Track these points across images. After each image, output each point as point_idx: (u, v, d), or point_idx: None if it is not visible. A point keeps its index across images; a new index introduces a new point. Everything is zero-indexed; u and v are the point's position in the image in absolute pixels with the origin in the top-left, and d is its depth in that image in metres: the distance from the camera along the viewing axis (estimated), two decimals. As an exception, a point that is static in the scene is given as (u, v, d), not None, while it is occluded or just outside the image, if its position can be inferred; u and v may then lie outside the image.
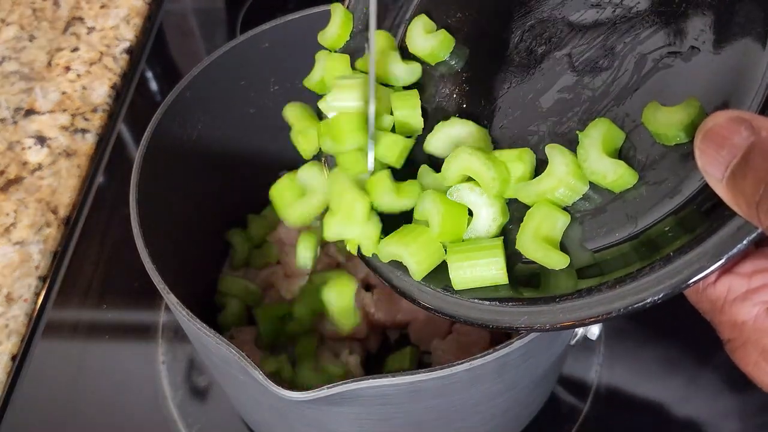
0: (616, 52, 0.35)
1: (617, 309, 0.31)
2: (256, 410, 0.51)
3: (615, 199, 0.34)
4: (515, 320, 0.34)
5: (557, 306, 0.33)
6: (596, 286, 0.32)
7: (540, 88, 0.38)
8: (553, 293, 0.33)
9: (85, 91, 0.78)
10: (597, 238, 0.34)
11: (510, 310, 0.34)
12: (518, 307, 0.34)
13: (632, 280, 0.31)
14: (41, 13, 0.86)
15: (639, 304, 0.30)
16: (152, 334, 0.62)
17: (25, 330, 0.61)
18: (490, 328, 0.35)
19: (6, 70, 0.80)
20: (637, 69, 0.35)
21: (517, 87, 0.39)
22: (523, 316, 0.33)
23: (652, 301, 0.30)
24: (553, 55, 0.38)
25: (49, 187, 0.70)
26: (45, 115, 0.75)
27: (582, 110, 0.36)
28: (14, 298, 0.62)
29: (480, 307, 0.35)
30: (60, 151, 0.72)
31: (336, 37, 0.43)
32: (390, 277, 0.38)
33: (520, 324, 0.33)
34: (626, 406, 0.57)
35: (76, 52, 0.81)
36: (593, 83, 0.36)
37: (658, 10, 0.35)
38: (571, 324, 0.32)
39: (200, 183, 0.56)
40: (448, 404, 0.42)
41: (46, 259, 0.65)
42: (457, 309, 0.35)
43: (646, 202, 0.33)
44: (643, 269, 0.31)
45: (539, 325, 0.33)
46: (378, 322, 0.57)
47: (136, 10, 0.86)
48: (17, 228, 0.67)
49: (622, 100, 0.35)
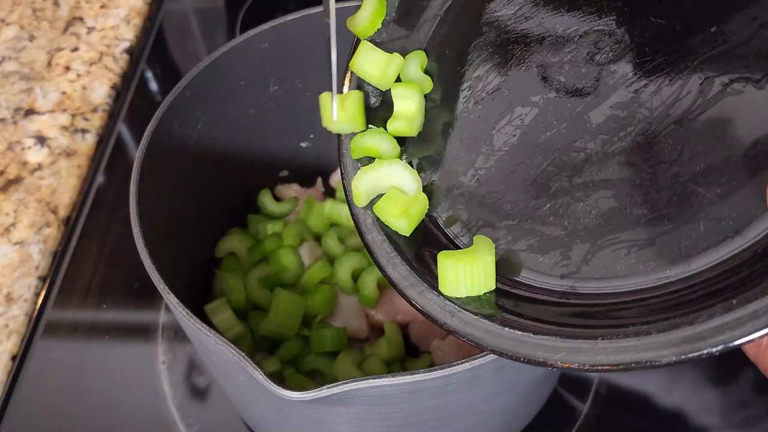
0: (678, 72, 0.33)
1: (668, 356, 0.27)
2: (256, 410, 0.51)
3: (667, 232, 0.31)
4: (550, 356, 0.31)
5: (599, 344, 0.29)
6: (645, 329, 0.29)
7: (590, 102, 0.35)
8: (594, 331, 0.30)
9: (85, 91, 0.78)
10: (645, 274, 0.31)
11: (545, 344, 0.31)
12: (555, 341, 0.31)
13: (687, 326, 0.28)
14: (41, 13, 0.86)
15: (694, 354, 0.27)
16: (152, 334, 0.62)
17: (25, 330, 0.61)
18: (522, 361, 0.32)
19: (6, 70, 0.80)
20: (702, 92, 0.32)
21: (565, 98, 0.36)
22: (561, 352, 0.30)
23: (709, 353, 0.27)
24: (608, 68, 0.35)
25: (49, 187, 0.69)
26: (45, 115, 0.75)
27: (636, 131, 0.33)
28: (14, 298, 0.62)
29: (513, 337, 0.32)
30: (60, 151, 0.72)
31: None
32: (416, 298, 0.36)
33: (555, 361, 0.30)
34: (627, 406, 0.57)
35: (76, 52, 0.81)
36: (651, 102, 0.33)
37: (730, 29, 0.32)
38: (610, 367, 0.29)
39: (200, 183, 0.56)
40: (448, 404, 0.42)
41: (46, 259, 0.65)
42: (486, 336, 0.33)
43: (703, 240, 0.30)
44: (701, 315, 0.28)
45: (577, 363, 0.30)
46: (379, 322, 0.57)
47: (136, 10, 0.86)
48: (17, 228, 0.67)
49: (683, 123, 0.32)
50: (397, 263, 0.37)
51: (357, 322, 0.56)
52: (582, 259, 0.34)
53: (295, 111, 0.61)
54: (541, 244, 0.35)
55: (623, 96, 0.34)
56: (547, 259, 0.35)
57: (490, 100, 0.39)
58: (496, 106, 0.38)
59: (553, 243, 0.35)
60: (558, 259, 0.34)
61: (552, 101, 0.36)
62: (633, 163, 0.33)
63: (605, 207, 0.34)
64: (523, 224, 0.36)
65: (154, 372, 0.60)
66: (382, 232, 0.38)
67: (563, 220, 0.35)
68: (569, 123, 0.35)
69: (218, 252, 0.60)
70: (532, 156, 0.36)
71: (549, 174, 0.36)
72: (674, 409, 0.56)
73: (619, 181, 0.33)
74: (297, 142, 0.64)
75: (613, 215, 0.33)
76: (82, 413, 0.58)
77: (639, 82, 0.34)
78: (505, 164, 0.37)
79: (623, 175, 0.32)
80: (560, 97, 0.36)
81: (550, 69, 0.37)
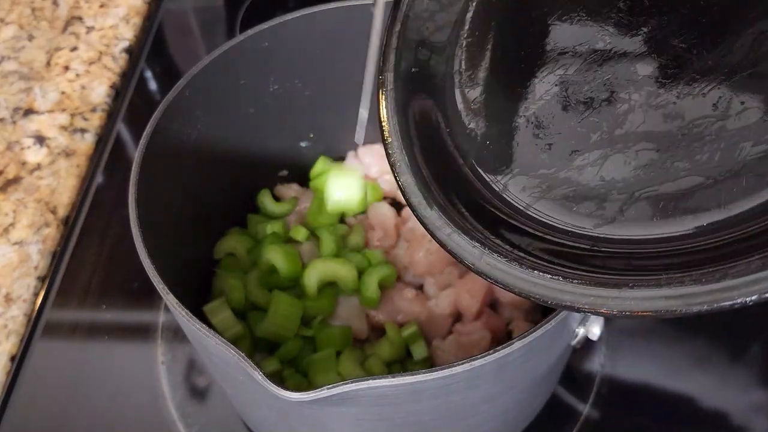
0: (733, 26, 0.32)
1: (699, 305, 0.27)
2: (256, 410, 0.51)
3: (707, 186, 0.30)
4: (578, 300, 0.31)
5: (629, 292, 0.29)
6: (678, 278, 0.28)
7: (638, 52, 0.34)
8: (625, 278, 0.30)
9: (85, 90, 0.78)
10: (680, 225, 0.31)
11: (573, 290, 0.31)
12: (584, 288, 0.31)
13: (722, 277, 0.27)
14: (40, 13, 0.86)
15: (726, 303, 0.27)
16: (152, 334, 0.62)
17: (24, 330, 0.61)
18: (549, 304, 0.32)
19: (5, 69, 0.80)
20: (754, 45, 0.31)
21: (611, 48, 0.35)
22: (589, 298, 0.30)
23: (743, 302, 0.27)
24: (660, 20, 0.34)
25: (48, 187, 0.69)
26: (44, 115, 0.75)
27: (684, 83, 0.32)
28: (13, 299, 0.62)
29: (543, 283, 0.32)
30: (59, 151, 0.72)
31: None
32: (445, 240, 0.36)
33: (583, 305, 0.30)
34: (627, 406, 0.57)
35: (75, 51, 0.81)
36: (702, 55, 0.32)
37: None
38: (642, 313, 0.29)
39: (200, 183, 0.56)
40: (448, 404, 0.42)
41: (45, 259, 0.65)
42: (514, 280, 0.33)
43: (744, 193, 0.29)
44: (737, 265, 0.27)
45: (605, 309, 0.30)
46: (379, 323, 0.57)
47: (135, 9, 0.86)
48: (16, 228, 0.66)
49: (733, 77, 0.31)
50: (428, 205, 0.38)
51: (358, 322, 0.56)
52: (617, 210, 0.33)
53: (295, 110, 0.61)
54: (576, 194, 0.35)
55: (673, 48, 0.33)
56: (582, 209, 0.35)
57: (534, 47, 0.38)
58: (539, 54, 0.38)
59: (588, 193, 0.35)
60: (592, 209, 0.34)
61: (598, 52, 0.36)
62: (678, 117, 0.33)
63: (645, 159, 0.33)
64: (559, 173, 0.36)
65: (154, 372, 0.59)
66: (415, 175, 0.39)
67: (600, 170, 0.35)
68: (614, 73, 0.35)
69: (217, 252, 0.60)
70: (573, 106, 0.36)
71: (590, 124, 0.35)
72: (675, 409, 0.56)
73: (662, 134, 0.33)
74: (296, 141, 0.64)
75: (653, 167, 0.33)
76: (81, 413, 0.57)
77: (690, 34, 0.33)
78: (545, 113, 0.37)
79: (667, 128, 0.32)
80: (606, 48, 0.35)
81: (597, 17, 0.36)
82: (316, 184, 0.63)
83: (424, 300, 0.57)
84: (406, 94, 0.42)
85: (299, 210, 0.63)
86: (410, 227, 0.61)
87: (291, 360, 0.54)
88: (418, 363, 0.55)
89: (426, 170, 0.39)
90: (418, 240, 0.59)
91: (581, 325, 0.44)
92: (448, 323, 0.56)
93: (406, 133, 0.40)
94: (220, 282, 0.58)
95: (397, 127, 0.40)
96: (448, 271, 0.58)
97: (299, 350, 0.54)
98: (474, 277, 0.57)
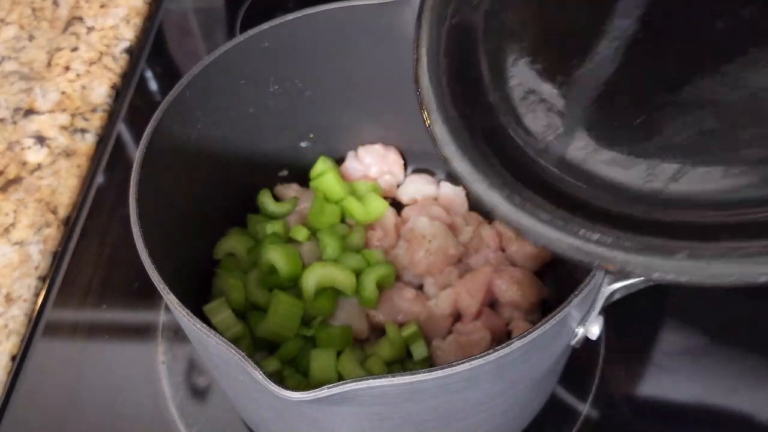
0: None
1: (765, 274, 0.26)
2: (256, 410, 0.51)
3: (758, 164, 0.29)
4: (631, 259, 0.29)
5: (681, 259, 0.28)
6: (739, 246, 0.27)
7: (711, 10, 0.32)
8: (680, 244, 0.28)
9: (85, 90, 0.78)
10: (739, 194, 0.29)
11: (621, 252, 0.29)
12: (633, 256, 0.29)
13: None
14: (41, 13, 0.86)
15: None
16: (152, 334, 0.62)
17: (24, 330, 0.61)
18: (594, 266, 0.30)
19: (5, 69, 0.80)
20: None
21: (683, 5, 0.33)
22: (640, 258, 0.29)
23: None
24: None
25: (49, 187, 0.69)
26: (44, 115, 0.75)
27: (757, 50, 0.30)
28: (14, 299, 0.62)
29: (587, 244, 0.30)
30: (59, 151, 0.72)
31: None
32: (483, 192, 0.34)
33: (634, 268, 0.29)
34: (627, 407, 0.57)
35: (75, 51, 0.81)
36: None
37: None
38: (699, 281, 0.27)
39: (200, 183, 0.56)
40: (448, 404, 0.42)
41: (45, 259, 0.65)
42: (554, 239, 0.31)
43: None
44: None
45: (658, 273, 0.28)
46: (379, 323, 0.57)
47: (135, 9, 0.86)
48: (17, 228, 0.67)
49: None
50: (461, 156, 0.36)
51: (358, 322, 0.56)
52: (671, 177, 0.32)
53: (295, 111, 0.61)
54: (628, 157, 0.33)
55: (748, 12, 0.31)
56: (632, 173, 0.33)
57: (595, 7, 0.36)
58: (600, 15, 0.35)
59: (641, 155, 0.33)
60: (643, 174, 0.32)
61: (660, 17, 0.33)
62: (747, 86, 0.31)
63: (707, 126, 0.31)
64: (609, 134, 0.34)
65: (154, 372, 0.60)
66: (446, 123, 0.37)
67: (655, 135, 0.33)
68: (684, 34, 0.33)
69: (217, 252, 0.60)
70: (634, 65, 0.34)
71: (651, 84, 0.33)
72: (674, 410, 0.56)
73: (729, 101, 0.31)
74: (296, 141, 0.64)
75: (714, 136, 0.31)
76: (81, 413, 0.58)
77: None
78: (600, 72, 0.35)
79: (734, 96, 0.30)
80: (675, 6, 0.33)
81: None
82: (316, 184, 0.63)
83: (424, 300, 0.57)
84: (448, 42, 0.39)
85: (299, 210, 0.63)
86: (410, 227, 0.61)
87: (291, 360, 0.54)
88: (418, 363, 0.55)
89: (461, 121, 0.37)
90: (418, 240, 0.59)
91: (581, 324, 0.44)
92: (448, 323, 0.57)
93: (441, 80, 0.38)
94: (220, 282, 0.58)
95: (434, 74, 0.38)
96: (447, 271, 0.58)
97: (299, 350, 0.54)
98: (473, 277, 0.57)
